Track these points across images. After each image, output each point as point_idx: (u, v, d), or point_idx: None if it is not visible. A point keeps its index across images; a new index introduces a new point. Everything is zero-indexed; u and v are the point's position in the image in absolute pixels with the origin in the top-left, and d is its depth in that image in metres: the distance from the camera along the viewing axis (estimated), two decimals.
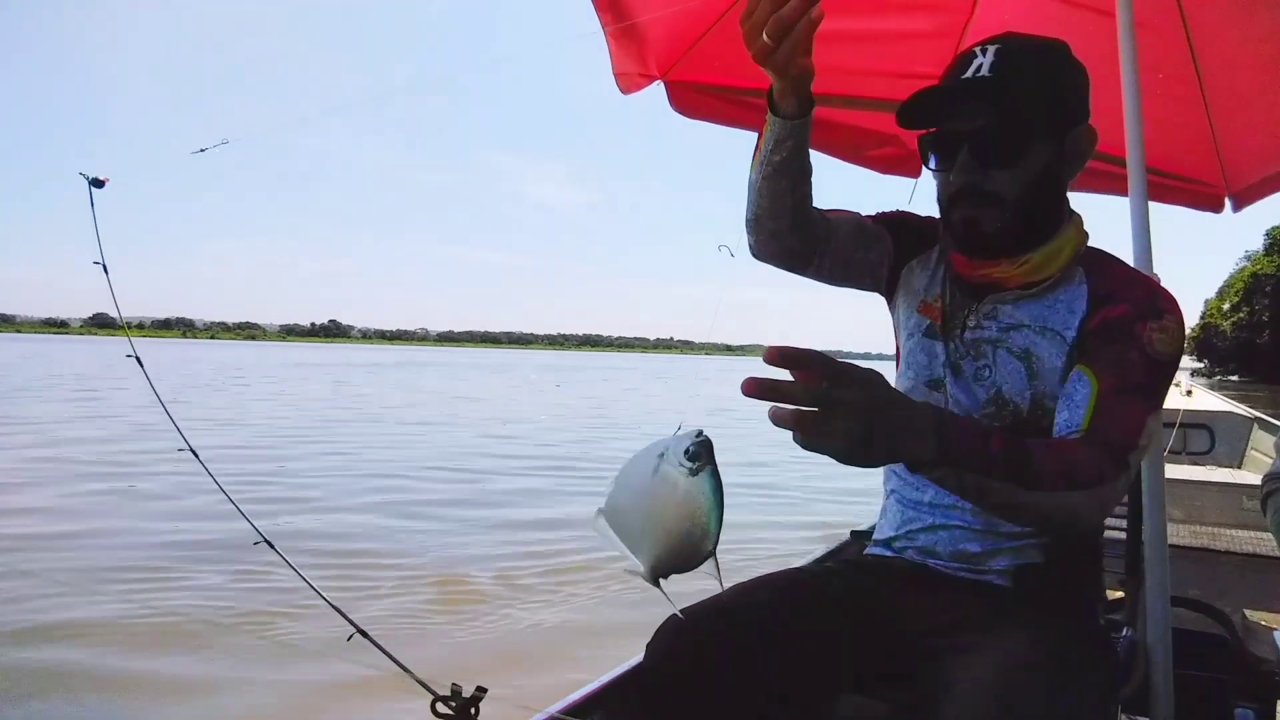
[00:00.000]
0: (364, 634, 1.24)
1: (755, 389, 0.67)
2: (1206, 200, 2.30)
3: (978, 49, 1.00)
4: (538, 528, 5.58)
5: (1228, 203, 2.30)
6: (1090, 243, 1.08)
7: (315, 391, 20.82)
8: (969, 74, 0.98)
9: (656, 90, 1.86)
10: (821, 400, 0.69)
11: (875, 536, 1.24)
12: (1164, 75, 1.89)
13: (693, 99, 1.90)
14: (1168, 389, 0.99)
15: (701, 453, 0.70)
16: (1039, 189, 1.01)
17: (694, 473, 0.70)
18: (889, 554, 1.18)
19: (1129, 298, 0.99)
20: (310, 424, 12.35)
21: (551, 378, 37.01)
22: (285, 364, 44.92)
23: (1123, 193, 1.43)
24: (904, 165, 2.25)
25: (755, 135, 1.15)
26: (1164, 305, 0.98)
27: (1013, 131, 0.98)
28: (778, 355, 0.69)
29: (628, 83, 1.77)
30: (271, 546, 1.40)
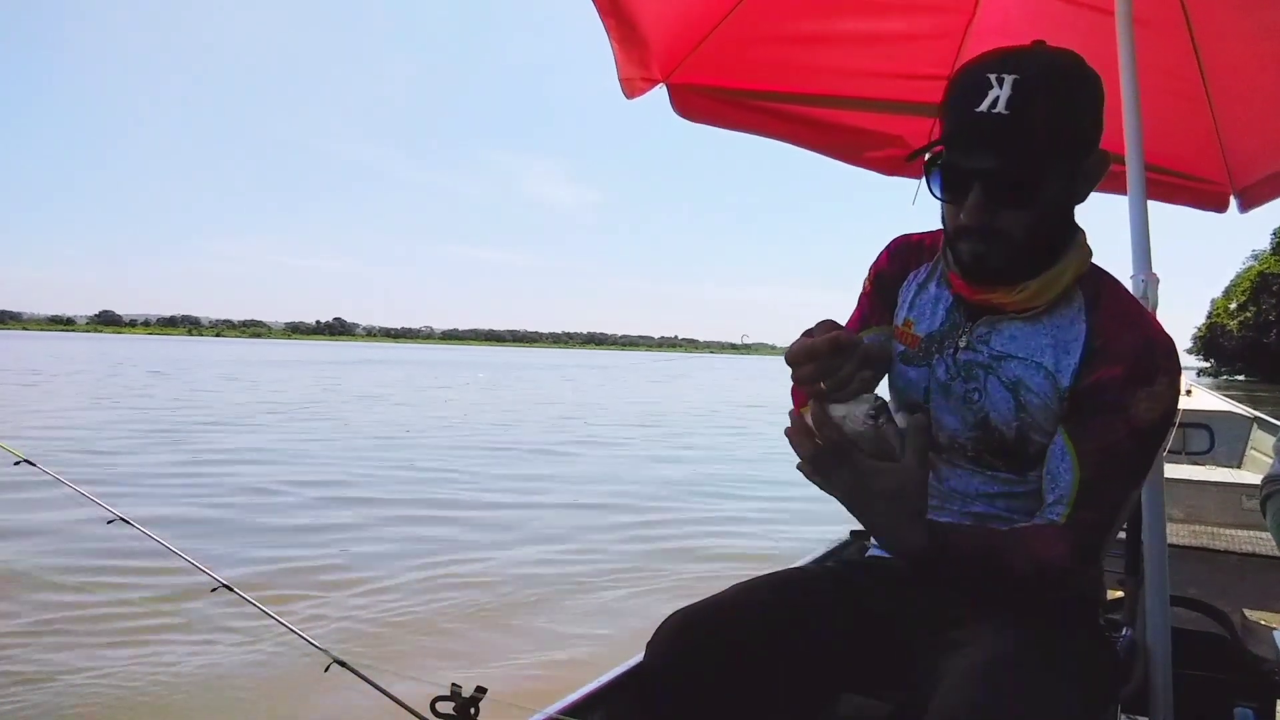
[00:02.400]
0: (342, 664, 1.24)
1: (795, 418, 0.91)
2: (1211, 199, 2.30)
3: (992, 76, 0.92)
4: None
5: (1233, 202, 2.30)
6: (1094, 247, 1.07)
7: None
8: (984, 107, 0.91)
9: (662, 91, 1.86)
10: (825, 454, 0.89)
11: (873, 541, 1.24)
12: (1167, 73, 1.89)
13: (695, 102, 1.90)
14: (1155, 453, 0.99)
15: (879, 410, 0.88)
16: (1049, 223, 0.99)
17: (877, 425, 0.88)
18: (888, 554, 1.18)
19: (1125, 356, 0.96)
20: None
21: (502, 377, 35.06)
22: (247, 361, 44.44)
23: (1122, 191, 1.43)
24: (907, 166, 2.25)
25: (758, 138, 1.14)
26: (1161, 363, 0.96)
27: (1027, 174, 0.94)
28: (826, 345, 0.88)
29: (632, 88, 1.77)
30: (231, 590, 1.42)
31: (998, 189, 0.94)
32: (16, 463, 1.70)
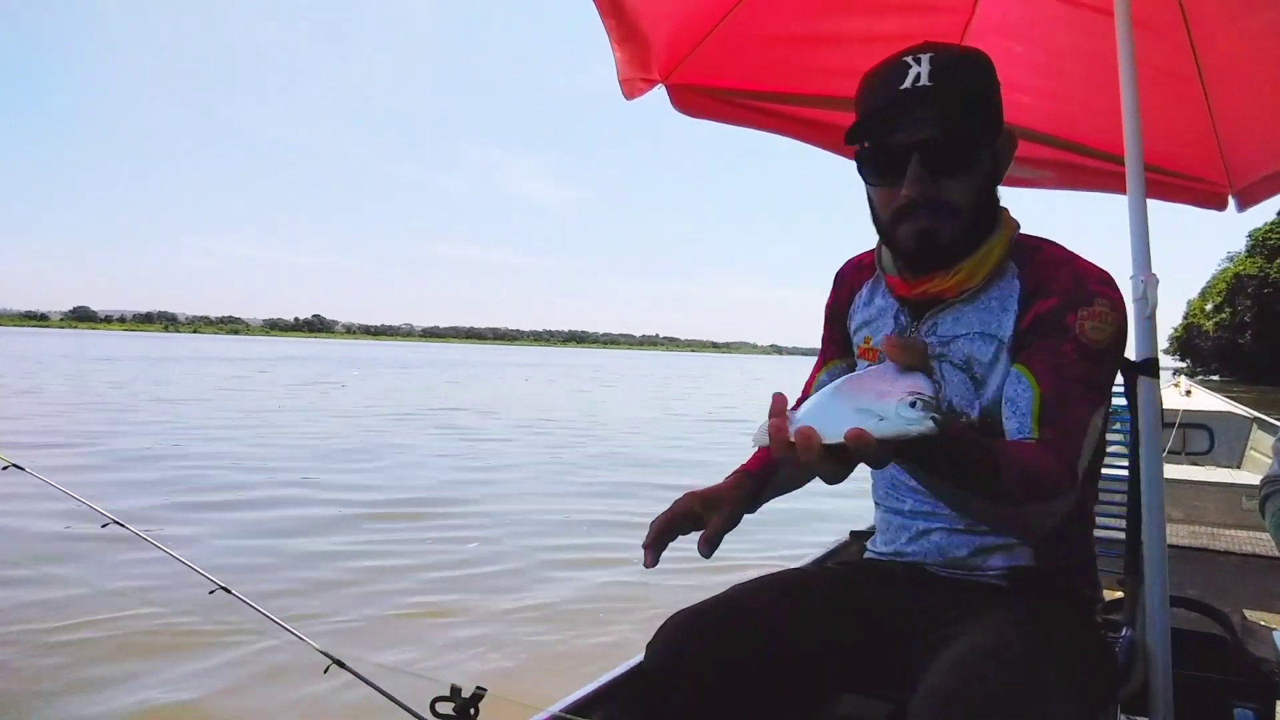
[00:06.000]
0: (341, 664, 1.25)
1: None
2: (1209, 199, 2.30)
3: (909, 58, 0.97)
4: None
5: (1231, 201, 2.30)
6: (1093, 246, 1.09)
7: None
8: (908, 84, 0.95)
9: (653, 89, 1.86)
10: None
11: (869, 546, 1.25)
12: (1165, 73, 1.89)
13: (694, 100, 1.90)
14: (1110, 378, 1.00)
15: (927, 403, 0.67)
16: (985, 195, 1.02)
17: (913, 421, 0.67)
18: (885, 558, 1.19)
19: (1058, 288, 0.99)
20: None
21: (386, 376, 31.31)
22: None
23: (1122, 190, 1.43)
24: None
25: (756, 132, 1.16)
26: (1094, 289, 0.98)
27: (961, 139, 0.98)
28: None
29: (632, 88, 1.77)
30: (230, 593, 1.42)
31: (936, 157, 0.97)
32: (4, 467, 1.68)
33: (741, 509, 1.09)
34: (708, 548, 1.01)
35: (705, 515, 1.03)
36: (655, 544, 1.01)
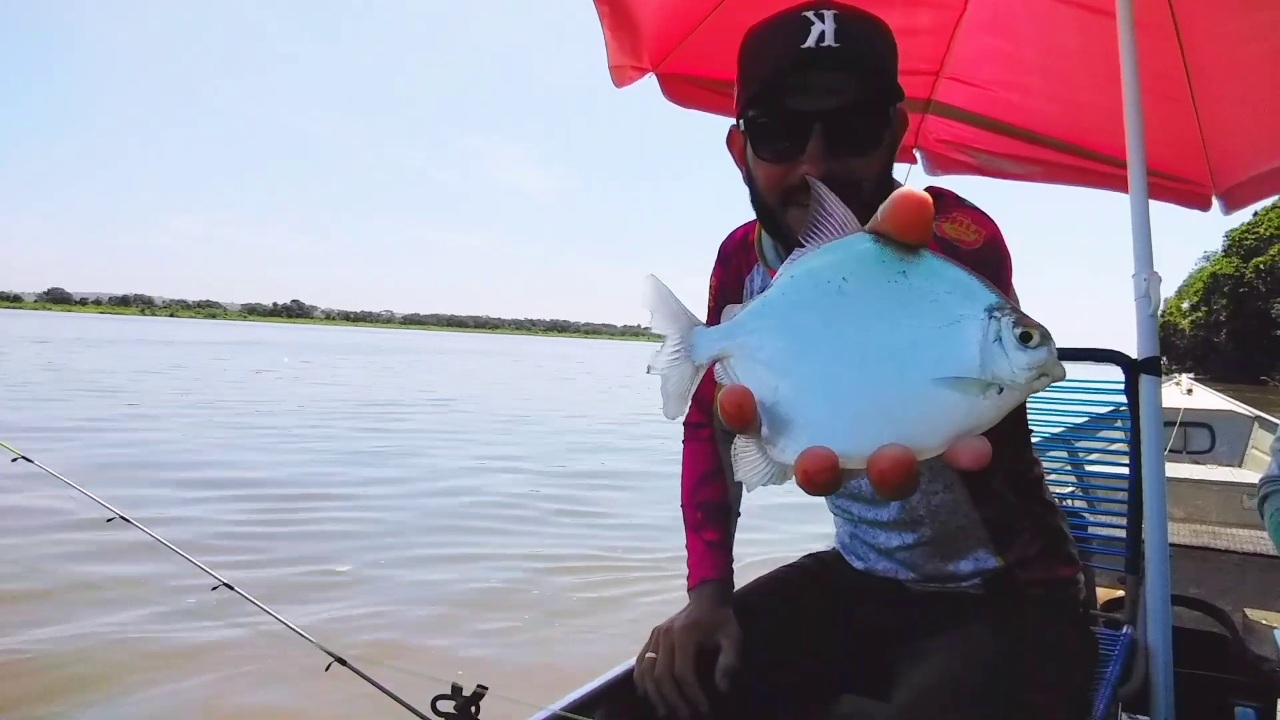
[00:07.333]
0: (343, 662, 1.25)
1: None
2: (1193, 198, 2.30)
3: (809, 13, 0.81)
4: None
5: (1216, 202, 2.30)
6: (1089, 245, 1.05)
7: None
8: (811, 42, 0.80)
9: (640, 78, 1.84)
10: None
11: (842, 552, 1.22)
12: (1153, 73, 1.89)
13: (685, 90, 1.90)
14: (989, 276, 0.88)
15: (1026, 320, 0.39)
16: (887, 176, 0.88)
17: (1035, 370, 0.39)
18: (861, 570, 1.16)
19: None
20: None
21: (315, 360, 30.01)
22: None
23: (1114, 189, 1.43)
24: (900, 154, 2.26)
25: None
26: (955, 203, 0.87)
27: (872, 110, 0.84)
28: None
29: (621, 75, 1.76)
30: (232, 589, 1.42)
31: (842, 130, 0.82)
32: (14, 459, 1.68)
33: (733, 621, 1.04)
34: (727, 679, 0.98)
35: (706, 643, 1.00)
36: (696, 694, 0.97)
